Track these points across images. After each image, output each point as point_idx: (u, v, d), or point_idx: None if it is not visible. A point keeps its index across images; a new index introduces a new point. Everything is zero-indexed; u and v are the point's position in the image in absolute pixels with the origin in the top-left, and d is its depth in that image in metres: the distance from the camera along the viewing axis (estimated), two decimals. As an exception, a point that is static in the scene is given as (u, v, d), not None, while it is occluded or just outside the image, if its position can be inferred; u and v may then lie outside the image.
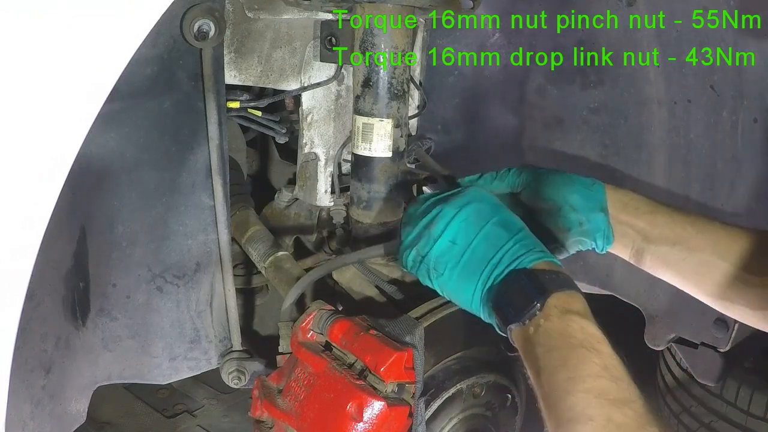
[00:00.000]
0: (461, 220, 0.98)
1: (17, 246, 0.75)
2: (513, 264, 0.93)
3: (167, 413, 2.80)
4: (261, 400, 1.13)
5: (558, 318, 0.87)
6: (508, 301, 0.91)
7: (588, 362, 0.82)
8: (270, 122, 1.50)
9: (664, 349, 2.39)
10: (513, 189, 1.18)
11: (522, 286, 0.91)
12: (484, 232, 0.96)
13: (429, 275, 1.00)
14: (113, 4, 0.73)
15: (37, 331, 1.03)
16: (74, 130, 0.75)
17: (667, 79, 1.53)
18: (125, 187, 1.15)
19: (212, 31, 1.11)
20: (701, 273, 1.09)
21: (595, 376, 0.81)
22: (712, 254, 1.08)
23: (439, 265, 0.98)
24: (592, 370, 0.82)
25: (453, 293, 0.99)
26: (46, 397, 1.09)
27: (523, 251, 0.94)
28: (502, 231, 0.96)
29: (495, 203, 1.01)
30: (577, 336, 0.85)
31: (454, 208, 0.99)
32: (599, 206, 1.12)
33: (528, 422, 1.30)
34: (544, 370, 0.85)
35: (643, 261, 1.14)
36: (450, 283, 0.98)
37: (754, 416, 2.40)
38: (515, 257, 0.94)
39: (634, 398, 0.80)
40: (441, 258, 0.98)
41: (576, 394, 0.80)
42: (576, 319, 0.87)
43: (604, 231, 1.12)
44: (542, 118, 1.76)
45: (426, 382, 1.07)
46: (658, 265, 1.13)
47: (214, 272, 1.31)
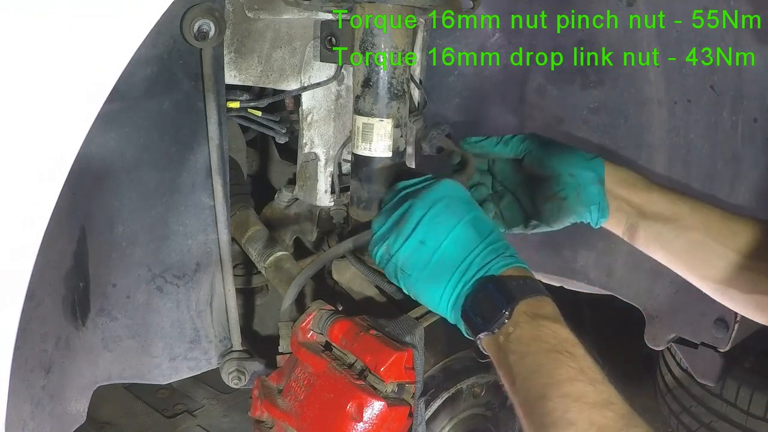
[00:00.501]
0: (431, 219, 0.97)
1: (17, 246, 0.75)
2: (482, 270, 0.92)
3: (167, 413, 2.80)
4: (261, 400, 1.13)
5: (528, 324, 0.86)
6: (476, 310, 0.91)
7: (563, 366, 0.81)
8: (270, 122, 1.49)
9: (664, 349, 2.40)
10: (516, 155, 1.19)
11: (489, 294, 0.90)
12: (455, 234, 0.95)
13: (396, 274, 1.00)
14: (113, 4, 0.73)
15: (37, 331, 1.03)
16: (74, 130, 0.75)
17: (667, 79, 1.53)
18: (125, 187, 1.15)
19: (212, 31, 1.11)
20: (692, 252, 1.10)
21: (572, 380, 0.80)
22: (705, 234, 1.09)
23: (407, 265, 0.97)
24: (568, 374, 0.80)
25: (420, 295, 0.99)
26: (46, 397, 1.09)
27: (493, 256, 0.93)
28: (473, 233, 0.95)
29: (467, 200, 1.00)
30: (549, 340, 0.84)
31: (425, 204, 0.98)
32: (597, 179, 1.13)
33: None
34: (518, 377, 0.84)
35: (636, 237, 1.15)
36: (417, 285, 0.98)
37: (754, 416, 2.41)
38: (484, 263, 0.93)
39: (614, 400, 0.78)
40: (409, 258, 0.97)
41: (554, 399, 0.79)
42: (547, 324, 0.86)
43: (600, 203, 1.13)
44: (542, 118, 1.76)
45: (426, 382, 1.07)
46: (651, 242, 1.14)
47: (214, 272, 1.31)
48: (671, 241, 1.11)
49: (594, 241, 1.73)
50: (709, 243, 1.08)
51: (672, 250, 1.12)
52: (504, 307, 0.88)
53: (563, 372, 0.81)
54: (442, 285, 0.94)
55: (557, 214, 1.17)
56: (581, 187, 1.13)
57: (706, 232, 1.09)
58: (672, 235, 1.11)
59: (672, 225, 1.10)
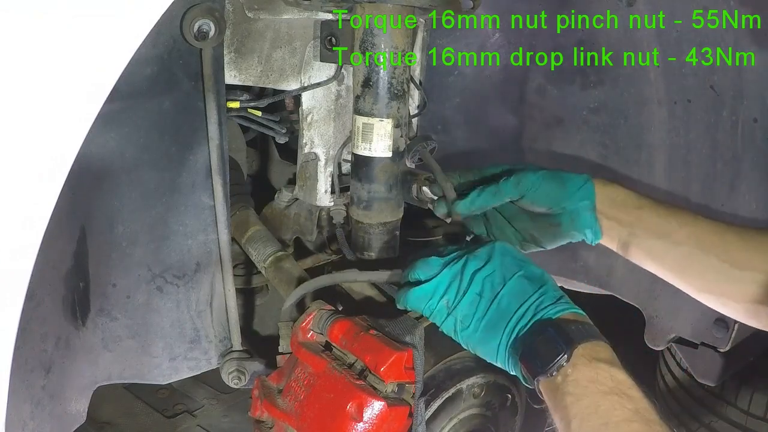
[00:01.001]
0: (488, 273, 1.00)
1: (17, 246, 0.75)
2: (538, 315, 0.94)
3: (167, 413, 2.80)
4: (261, 400, 1.13)
5: (586, 366, 0.88)
6: (534, 352, 0.92)
7: (620, 408, 0.83)
8: (270, 122, 1.49)
9: (664, 349, 2.39)
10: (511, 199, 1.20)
11: (548, 337, 0.91)
12: (510, 285, 0.98)
13: (455, 328, 1.01)
14: (113, 4, 0.73)
15: (37, 331, 1.03)
16: (74, 130, 0.75)
17: (667, 79, 1.53)
18: (125, 187, 1.15)
19: (212, 31, 1.11)
20: (684, 265, 1.13)
21: (629, 421, 0.82)
22: (695, 247, 1.11)
23: (466, 318, 0.99)
24: (624, 416, 0.82)
25: (478, 346, 1.00)
26: (46, 397, 1.09)
27: (549, 302, 0.96)
28: (528, 283, 0.98)
29: (520, 257, 1.04)
30: (606, 383, 0.86)
31: (480, 260, 1.01)
32: (589, 206, 1.16)
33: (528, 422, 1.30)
34: (575, 418, 0.85)
35: (629, 253, 1.18)
36: (475, 336, 0.99)
37: (754, 416, 2.40)
38: (541, 308, 0.95)
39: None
40: (468, 310, 0.99)
41: None
42: (604, 367, 0.88)
43: (593, 228, 1.17)
44: (542, 118, 1.76)
45: (426, 382, 1.07)
46: (643, 258, 1.17)
47: (214, 272, 1.31)
48: (663, 256, 1.14)
49: (594, 241, 1.73)
50: (699, 256, 1.10)
51: (664, 264, 1.15)
52: (563, 349, 0.89)
53: (620, 413, 0.82)
54: (499, 332, 0.96)
55: (551, 239, 1.21)
56: (575, 214, 1.17)
57: (695, 245, 1.11)
58: (663, 250, 1.14)
59: (662, 241, 1.13)
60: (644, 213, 1.15)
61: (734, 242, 1.09)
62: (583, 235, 1.18)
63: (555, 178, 1.18)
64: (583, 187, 1.17)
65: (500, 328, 0.96)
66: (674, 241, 1.12)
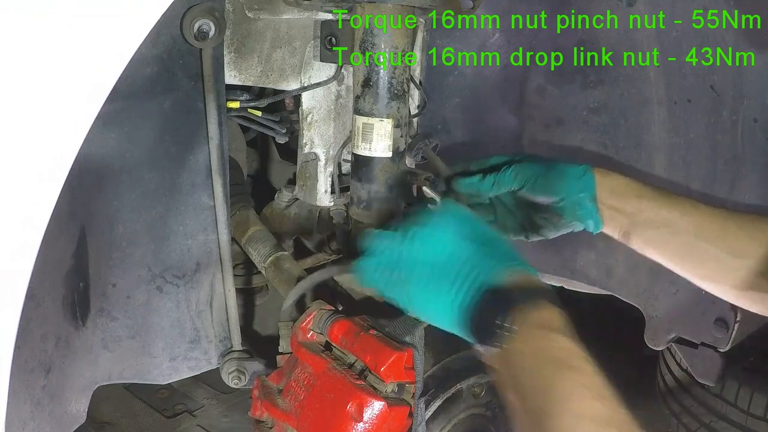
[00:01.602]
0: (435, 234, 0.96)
1: (17, 246, 0.75)
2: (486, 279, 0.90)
3: (167, 413, 2.80)
4: (261, 400, 1.13)
5: (535, 337, 0.84)
6: (477, 323, 0.89)
7: (571, 381, 0.79)
8: (270, 122, 1.49)
9: (664, 349, 2.40)
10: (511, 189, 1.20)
11: (493, 306, 0.88)
12: (458, 246, 0.94)
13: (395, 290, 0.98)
14: (113, 4, 0.73)
15: (37, 331, 1.03)
16: (74, 130, 0.75)
17: (667, 79, 1.53)
18: (125, 187, 1.15)
19: (212, 31, 1.11)
20: (685, 254, 1.13)
21: (580, 397, 0.77)
22: (696, 236, 1.11)
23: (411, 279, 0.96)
24: (575, 391, 0.78)
25: (422, 310, 0.97)
26: (46, 397, 1.09)
27: (494, 265, 0.92)
28: (476, 244, 0.94)
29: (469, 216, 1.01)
30: (556, 355, 0.82)
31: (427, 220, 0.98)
32: (589, 197, 1.16)
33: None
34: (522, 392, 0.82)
35: (631, 242, 1.18)
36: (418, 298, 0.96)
37: (754, 416, 2.41)
38: (489, 271, 0.91)
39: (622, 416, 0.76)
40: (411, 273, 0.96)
41: (561, 417, 0.76)
42: (555, 337, 0.83)
43: (594, 218, 1.17)
44: (542, 118, 1.76)
45: (426, 382, 1.07)
46: (644, 247, 1.17)
47: (214, 272, 1.31)
48: (663, 245, 1.14)
49: (594, 241, 1.73)
50: (699, 244, 1.11)
51: (665, 253, 1.16)
52: (504, 318, 0.85)
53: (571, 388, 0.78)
54: (444, 298, 0.92)
55: (553, 228, 1.21)
56: (576, 204, 1.16)
57: (696, 234, 1.11)
58: (663, 240, 1.14)
59: (663, 230, 1.13)
60: (644, 203, 1.14)
61: (734, 231, 1.09)
62: (584, 224, 1.18)
63: (555, 169, 1.18)
64: (583, 177, 1.17)
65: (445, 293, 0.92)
66: (675, 231, 1.12)
